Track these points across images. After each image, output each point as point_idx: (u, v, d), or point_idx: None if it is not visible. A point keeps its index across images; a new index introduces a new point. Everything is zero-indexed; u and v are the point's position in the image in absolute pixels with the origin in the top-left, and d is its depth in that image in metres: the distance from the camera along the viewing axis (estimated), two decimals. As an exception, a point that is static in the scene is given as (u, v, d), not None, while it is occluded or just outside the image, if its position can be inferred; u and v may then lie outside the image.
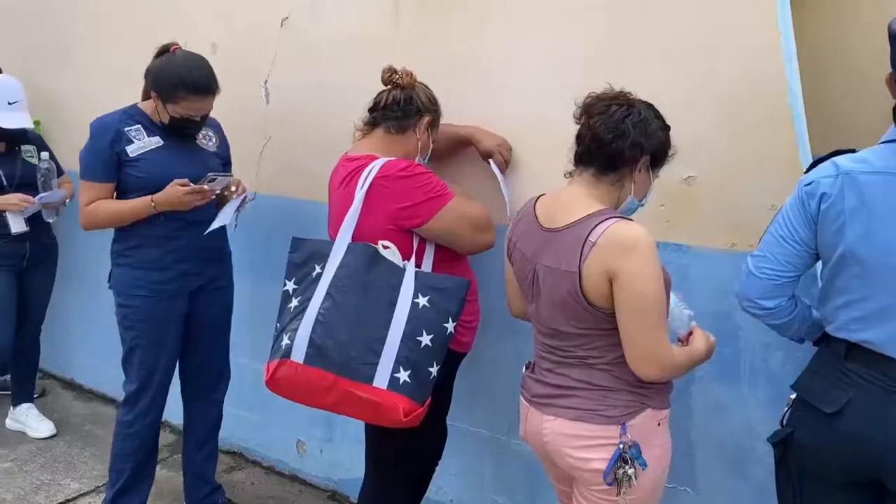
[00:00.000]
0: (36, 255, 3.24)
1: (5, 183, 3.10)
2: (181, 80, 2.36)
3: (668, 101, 1.75)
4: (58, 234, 3.38)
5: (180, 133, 2.47)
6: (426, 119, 2.11)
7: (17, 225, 3.07)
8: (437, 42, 2.38)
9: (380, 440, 2.22)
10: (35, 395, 3.58)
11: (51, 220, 3.18)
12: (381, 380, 1.89)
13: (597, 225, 1.57)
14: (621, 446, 1.59)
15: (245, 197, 2.50)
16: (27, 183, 3.13)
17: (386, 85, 2.11)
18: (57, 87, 3.56)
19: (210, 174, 2.39)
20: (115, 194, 2.47)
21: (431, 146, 2.17)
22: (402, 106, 2.09)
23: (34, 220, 3.11)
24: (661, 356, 1.57)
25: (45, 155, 3.17)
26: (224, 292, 2.71)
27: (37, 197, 3.06)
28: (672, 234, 2.03)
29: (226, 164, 2.65)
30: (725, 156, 1.94)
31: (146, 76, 2.44)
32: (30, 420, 3.44)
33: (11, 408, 3.49)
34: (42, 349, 3.54)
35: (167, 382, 2.64)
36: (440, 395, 2.10)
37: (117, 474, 2.62)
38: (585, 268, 1.56)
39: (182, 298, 2.57)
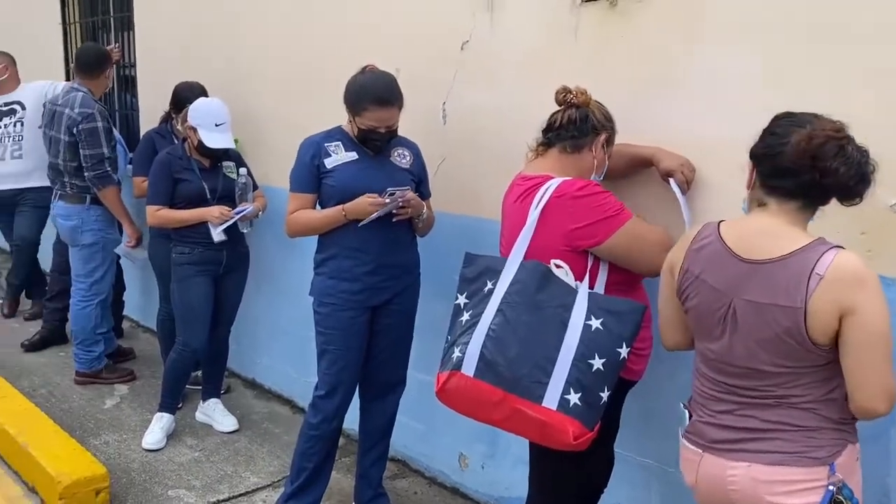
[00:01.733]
0: (231, 262, 3.52)
1: (208, 196, 3.41)
2: (366, 92, 2.53)
3: (871, 124, 1.63)
4: (251, 243, 3.67)
5: (368, 144, 2.62)
6: (602, 137, 2.09)
7: (217, 234, 3.36)
8: (619, 60, 2.35)
9: (544, 461, 2.20)
10: (221, 392, 3.89)
11: (245, 231, 3.46)
12: (550, 400, 1.87)
13: (821, 256, 1.47)
14: (832, 488, 1.48)
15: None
16: (226, 196, 3.43)
17: (560, 105, 2.12)
18: (255, 109, 3.87)
19: (389, 188, 2.53)
20: (316, 205, 2.67)
21: (607, 164, 2.14)
22: (577, 125, 2.09)
23: (231, 230, 3.39)
24: (892, 389, 1.47)
25: (243, 171, 3.46)
26: (407, 306, 2.82)
27: (235, 209, 3.35)
28: (874, 264, 1.87)
29: (419, 183, 2.77)
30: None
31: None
32: (216, 414, 3.73)
33: (201, 401, 3.80)
34: (229, 349, 3.84)
35: (352, 389, 2.78)
36: (608, 420, 2.06)
37: (297, 472, 2.79)
38: (812, 303, 1.46)
39: (368, 310, 2.70)
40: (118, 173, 4.07)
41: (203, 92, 3.72)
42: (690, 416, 1.72)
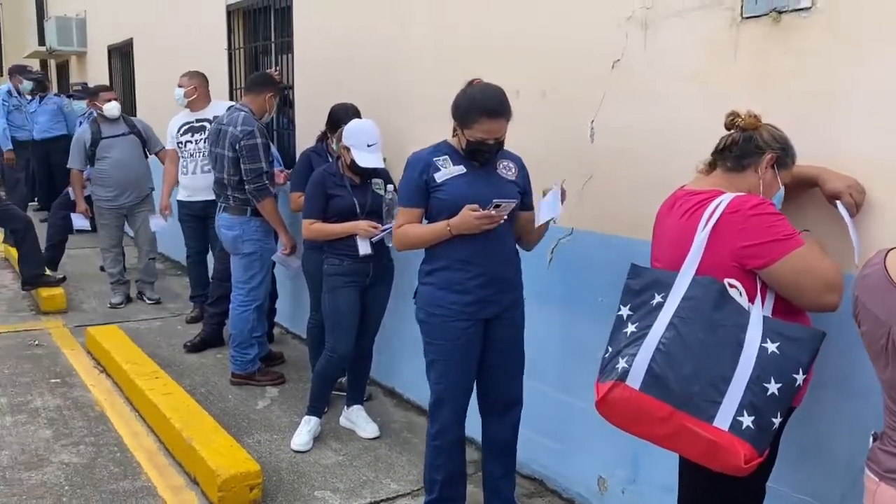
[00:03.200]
0: (377, 274, 3.66)
1: (358, 210, 3.57)
2: (476, 105, 2.59)
3: None
4: (394, 256, 3.80)
5: (477, 157, 2.67)
6: (768, 156, 2.02)
7: (364, 247, 3.51)
8: (782, 78, 2.27)
9: (694, 488, 2.14)
10: (364, 399, 4.04)
11: (391, 245, 3.59)
12: (723, 420, 1.82)
13: None
14: None
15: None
16: (374, 211, 3.58)
17: (728, 129, 2.07)
18: (403, 130, 4.01)
19: (495, 200, 2.56)
20: (423, 220, 2.73)
21: (781, 188, 2.06)
22: (740, 144, 2.03)
23: (377, 243, 3.53)
24: None
25: (390, 188, 3.59)
26: (517, 320, 2.84)
27: (383, 225, 3.49)
28: None
29: (524, 194, 2.80)
30: None
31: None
32: (359, 420, 3.88)
33: (345, 407, 3.96)
34: (372, 358, 3.98)
35: (464, 400, 2.81)
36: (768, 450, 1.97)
37: (430, 484, 2.87)
38: None
39: (478, 322, 2.73)
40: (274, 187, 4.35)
41: (357, 113, 3.90)
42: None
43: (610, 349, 2.05)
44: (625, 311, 2.05)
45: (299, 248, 4.27)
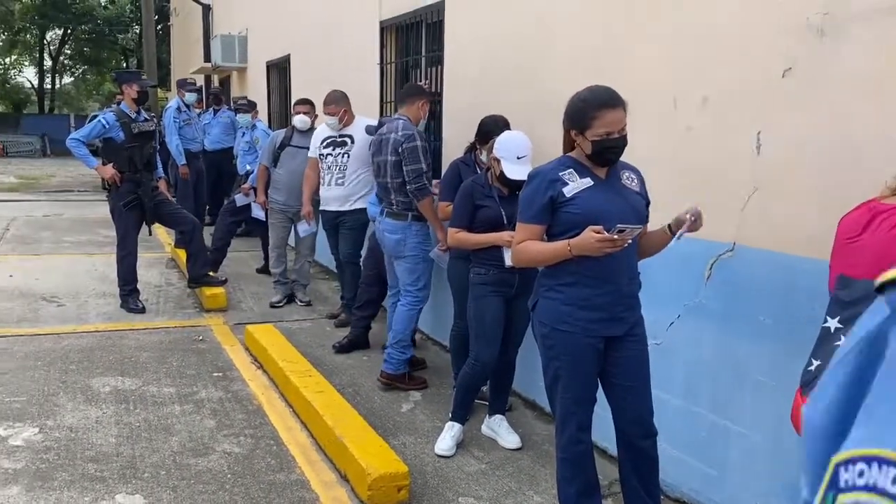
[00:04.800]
0: (522, 285, 3.65)
1: (505, 221, 3.59)
2: (590, 102, 2.56)
3: None
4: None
5: (606, 155, 2.60)
6: None
7: (510, 258, 3.52)
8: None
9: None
10: (506, 409, 4.05)
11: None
12: None
13: None
14: None
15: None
16: (522, 222, 3.59)
17: None
18: (554, 142, 4.00)
19: (619, 225, 2.45)
20: (544, 237, 2.68)
21: None
22: None
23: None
24: None
25: (539, 199, 3.60)
26: (642, 338, 2.76)
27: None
28: None
29: (647, 204, 2.74)
30: None
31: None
32: (501, 430, 3.90)
33: (487, 416, 3.99)
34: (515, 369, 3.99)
35: (590, 412, 2.75)
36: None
37: (565, 499, 2.82)
38: None
39: (601, 339, 2.67)
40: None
41: (506, 125, 3.94)
42: None
43: (815, 362, 1.98)
44: (833, 324, 1.97)
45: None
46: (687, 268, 3.14)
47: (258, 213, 6.94)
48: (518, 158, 3.51)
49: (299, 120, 6.29)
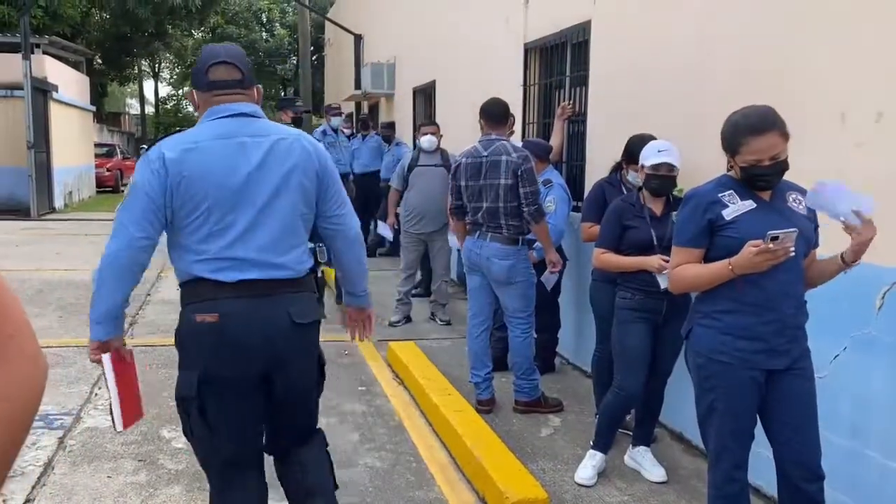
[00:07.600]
0: (671, 311, 3.50)
1: (655, 243, 3.45)
2: (738, 127, 2.42)
3: None
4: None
5: (757, 182, 2.45)
6: None
7: (664, 281, 3.38)
8: None
9: None
10: (651, 441, 3.88)
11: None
12: None
13: None
14: None
15: None
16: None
17: None
18: (697, 162, 3.84)
19: (770, 232, 2.28)
20: (702, 260, 2.54)
21: None
22: None
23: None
24: None
25: (686, 220, 3.44)
26: (809, 373, 2.54)
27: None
28: None
29: (815, 227, 2.54)
30: None
31: None
32: (645, 462, 3.74)
33: (630, 446, 3.85)
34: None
35: (748, 448, 2.58)
36: None
37: None
38: None
39: (762, 372, 2.49)
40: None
41: (654, 143, 3.82)
42: None
43: None
44: None
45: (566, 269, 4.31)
46: (855, 295, 2.89)
47: (385, 232, 7.13)
48: (659, 152, 3.42)
49: (427, 140, 6.42)
